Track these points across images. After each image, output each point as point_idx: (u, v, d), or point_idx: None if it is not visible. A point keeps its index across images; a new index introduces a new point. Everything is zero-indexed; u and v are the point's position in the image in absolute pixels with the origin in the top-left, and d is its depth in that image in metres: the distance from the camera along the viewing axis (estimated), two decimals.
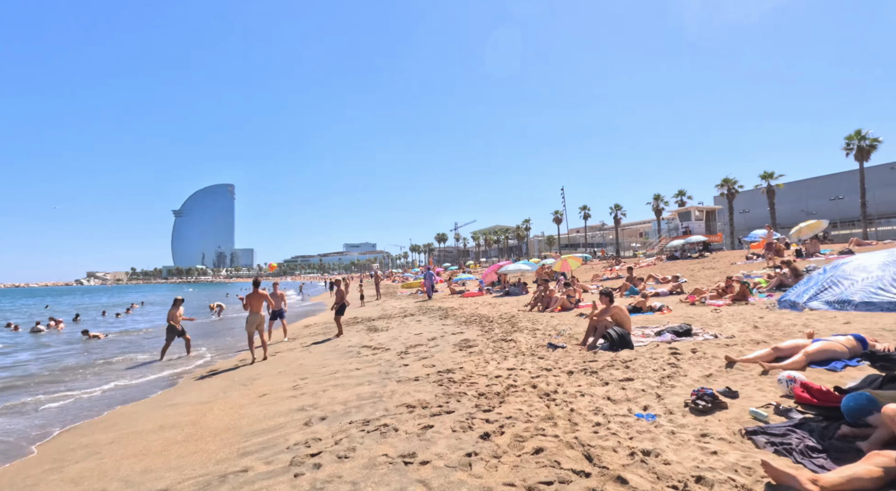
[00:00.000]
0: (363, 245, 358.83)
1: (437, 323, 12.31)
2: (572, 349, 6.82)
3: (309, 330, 14.66)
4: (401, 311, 17.20)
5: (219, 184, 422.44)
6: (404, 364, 7.18)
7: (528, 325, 9.93)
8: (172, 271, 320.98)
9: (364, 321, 14.90)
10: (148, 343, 14.35)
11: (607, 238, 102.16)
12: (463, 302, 18.16)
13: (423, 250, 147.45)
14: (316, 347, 10.58)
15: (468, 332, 10.01)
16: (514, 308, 13.95)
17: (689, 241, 30.48)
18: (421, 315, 14.78)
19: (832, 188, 50.14)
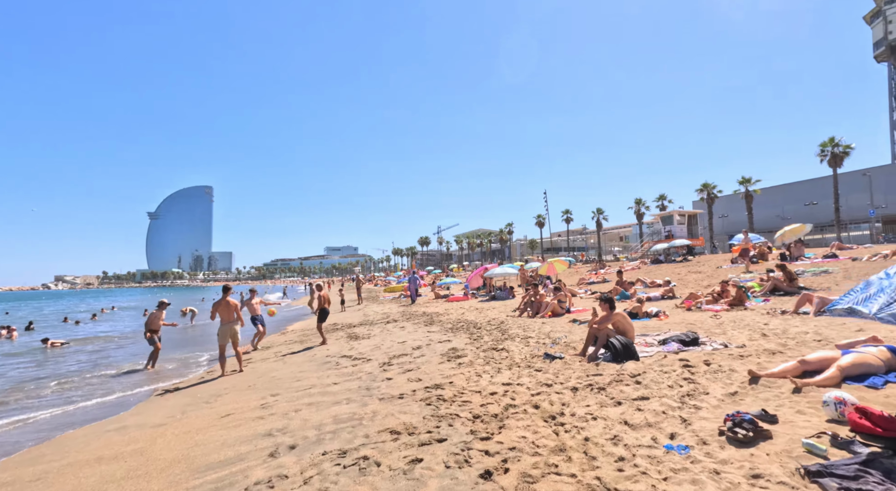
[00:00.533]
0: (345, 248, 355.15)
1: (421, 330, 11.65)
2: (571, 360, 6.26)
3: (286, 337, 13.82)
4: (383, 316, 16.48)
5: (196, 186, 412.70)
6: (387, 378, 6.51)
7: (520, 332, 9.36)
8: (147, 275, 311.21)
9: (344, 328, 14.13)
10: (113, 352, 13.29)
11: (588, 242, 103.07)
12: (448, 307, 17.53)
13: (405, 254, 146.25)
14: (292, 357, 9.80)
15: (456, 340, 9.38)
16: (501, 313, 13.40)
17: (673, 245, 30.54)
18: (405, 321, 14.08)
19: (807, 194, 51.36)
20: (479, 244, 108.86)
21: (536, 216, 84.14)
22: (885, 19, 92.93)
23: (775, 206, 55.93)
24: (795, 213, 53.90)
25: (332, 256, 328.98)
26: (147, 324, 10.62)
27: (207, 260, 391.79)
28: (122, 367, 10.67)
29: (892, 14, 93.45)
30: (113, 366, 10.96)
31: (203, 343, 14.13)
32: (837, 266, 14.48)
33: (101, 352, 13.60)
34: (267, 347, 11.98)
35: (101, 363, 11.50)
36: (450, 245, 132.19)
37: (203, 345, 13.66)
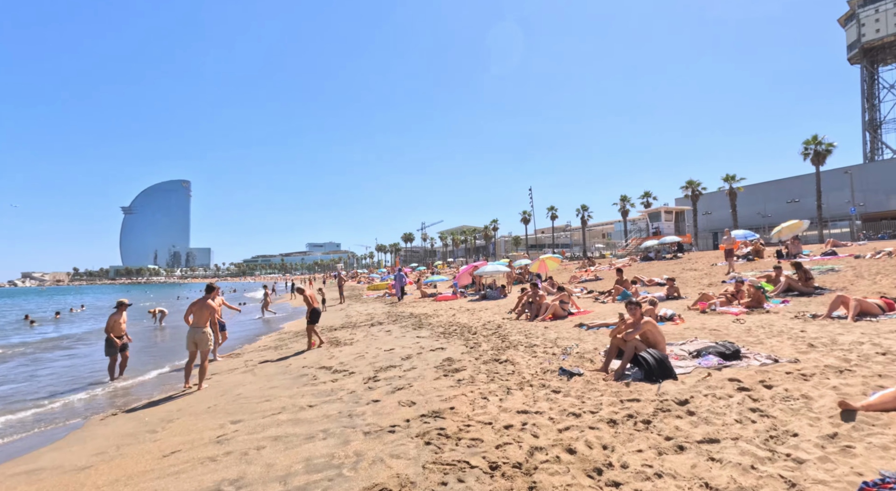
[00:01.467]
0: (327, 245, 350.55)
1: (410, 334, 10.58)
2: (593, 378, 5.29)
3: (261, 343, 12.58)
4: (367, 318, 15.34)
5: (173, 180, 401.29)
6: (374, 400, 5.43)
7: (521, 338, 8.37)
8: (121, 272, 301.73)
9: (324, 331, 12.95)
10: (72, 361, 11.83)
11: (572, 238, 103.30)
12: (437, 307, 16.49)
13: (389, 250, 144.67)
14: (264, 368, 8.62)
15: (450, 348, 8.35)
16: (496, 315, 12.42)
17: (663, 242, 30.08)
18: (391, 323, 12.99)
19: (789, 191, 51.89)
20: (464, 241, 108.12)
21: (522, 213, 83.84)
22: (859, 22, 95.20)
23: (757, 203, 56.43)
24: (777, 210, 54.46)
25: (314, 253, 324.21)
26: (107, 327, 9.29)
27: (185, 256, 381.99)
28: (82, 378, 9.33)
29: (864, 17, 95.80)
30: (69, 378, 9.61)
31: (174, 350, 12.79)
32: (842, 264, 13.95)
33: (38, 361, 12.14)
34: (238, 355, 10.75)
35: (57, 373, 10.12)
36: (434, 242, 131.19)
37: (174, 352, 12.33)
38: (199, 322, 7.65)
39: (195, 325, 7.64)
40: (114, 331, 9.27)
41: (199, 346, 7.77)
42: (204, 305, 7.73)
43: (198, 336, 7.68)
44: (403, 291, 22.28)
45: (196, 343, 7.71)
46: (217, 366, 9.58)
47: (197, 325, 7.64)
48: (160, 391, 7.87)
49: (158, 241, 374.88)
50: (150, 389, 8.23)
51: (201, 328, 7.65)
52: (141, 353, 11.87)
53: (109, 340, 9.18)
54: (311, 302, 10.36)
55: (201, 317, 7.66)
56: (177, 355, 11.25)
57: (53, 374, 10.16)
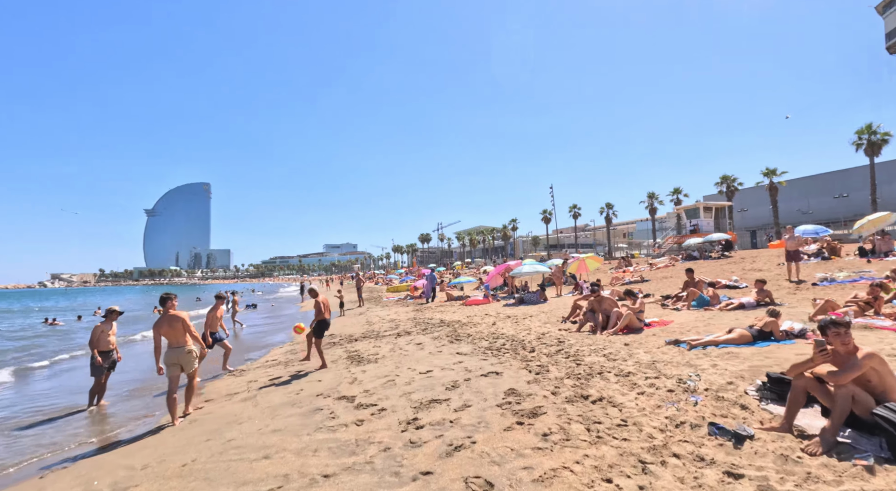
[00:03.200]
0: (344, 246, 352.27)
1: (447, 349, 8.67)
2: (775, 443, 3.29)
3: (270, 355, 10.86)
4: (391, 325, 13.50)
5: (194, 182, 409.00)
6: (422, 472, 3.53)
7: (602, 361, 6.37)
8: (144, 273, 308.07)
9: (343, 342, 11.15)
10: (64, 377, 10.29)
11: (594, 238, 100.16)
12: (468, 312, 14.55)
13: (406, 251, 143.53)
14: (268, 395, 6.82)
15: (506, 371, 6.41)
16: (545, 324, 10.43)
17: (708, 240, 27.50)
18: (420, 333, 11.11)
19: (835, 186, 48.35)
20: (482, 241, 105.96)
21: (542, 211, 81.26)
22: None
23: (797, 199, 52.94)
24: (822, 206, 50.94)
25: (331, 254, 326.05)
26: (91, 342, 7.62)
27: (206, 257, 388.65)
28: (58, 406, 7.68)
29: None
30: (47, 402, 7.99)
31: None
32: None
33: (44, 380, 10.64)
34: (242, 372, 9.01)
35: (35, 395, 8.54)
36: (451, 242, 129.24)
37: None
38: (178, 340, 5.94)
39: (174, 345, 5.92)
40: (99, 346, 7.60)
41: (186, 368, 6.06)
42: (173, 321, 5.98)
43: (181, 357, 5.95)
44: (435, 292, 20.43)
45: (182, 365, 6.00)
46: (216, 388, 7.84)
47: (176, 344, 5.91)
48: (142, 424, 6.16)
49: (180, 243, 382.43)
50: (136, 410, 6.50)
51: (183, 347, 5.92)
52: (134, 370, 10.21)
53: (94, 357, 7.51)
54: (320, 310, 8.56)
55: (176, 334, 5.94)
56: None
57: (29, 395, 8.57)
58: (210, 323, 9.31)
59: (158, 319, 6.10)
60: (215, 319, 9.38)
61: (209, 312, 9.41)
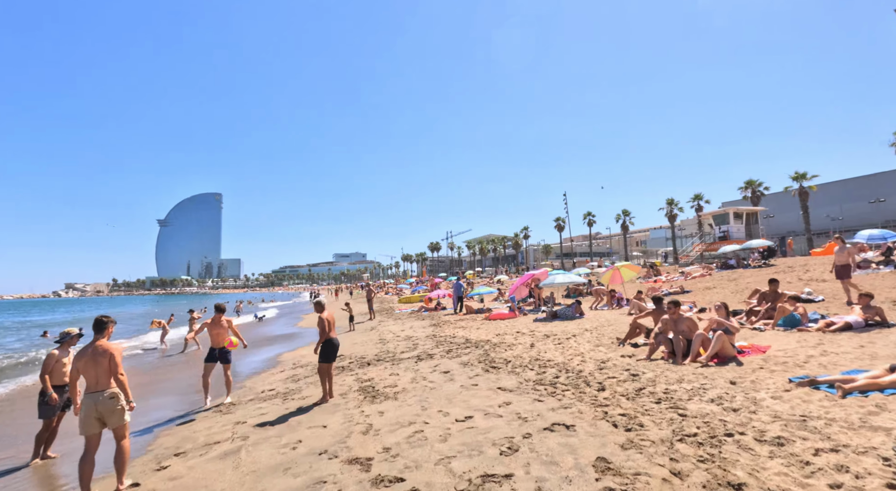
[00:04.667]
0: (353, 255, 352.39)
1: (483, 381, 6.93)
2: None
3: (268, 382, 9.20)
4: (409, 344, 11.78)
5: (205, 193, 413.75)
6: None
7: (715, 409, 4.57)
8: (156, 282, 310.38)
9: (354, 366, 9.44)
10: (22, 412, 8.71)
11: (611, 246, 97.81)
12: (496, 329, 12.78)
13: (415, 260, 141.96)
14: (257, 449, 5.13)
15: (577, 421, 4.66)
16: (593, 346, 8.63)
17: (748, 247, 25.43)
18: (445, 356, 9.37)
19: (870, 190, 45.83)
20: (493, 250, 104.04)
21: (556, 219, 79.36)
22: None
23: (826, 204, 50.43)
24: (854, 212, 48.41)
25: (340, 263, 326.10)
26: (42, 373, 5.99)
27: (217, 267, 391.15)
28: None
29: None
30: None
31: (157, 392, 9.55)
32: None
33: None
34: (231, 408, 7.33)
35: None
36: (461, 251, 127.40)
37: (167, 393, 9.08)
38: (98, 382, 4.31)
39: (91, 388, 4.28)
40: (53, 378, 5.99)
41: (109, 421, 4.36)
42: (98, 355, 4.35)
43: (101, 405, 4.28)
44: (461, 301, 18.71)
45: (103, 417, 4.32)
46: (193, 433, 6.17)
47: (95, 387, 4.29)
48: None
49: (191, 253, 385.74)
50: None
51: (103, 392, 4.28)
52: None
53: (44, 392, 5.89)
54: (325, 328, 6.93)
55: (97, 373, 4.33)
56: (166, 403, 7.95)
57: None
58: (213, 337, 7.75)
59: (81, 349, 4.48)
60: (220, 334, 7.80)
61: (209, 326, 7.82)
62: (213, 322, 7.88)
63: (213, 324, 7.86)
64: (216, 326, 7.83)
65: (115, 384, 4.44)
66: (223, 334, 7.81)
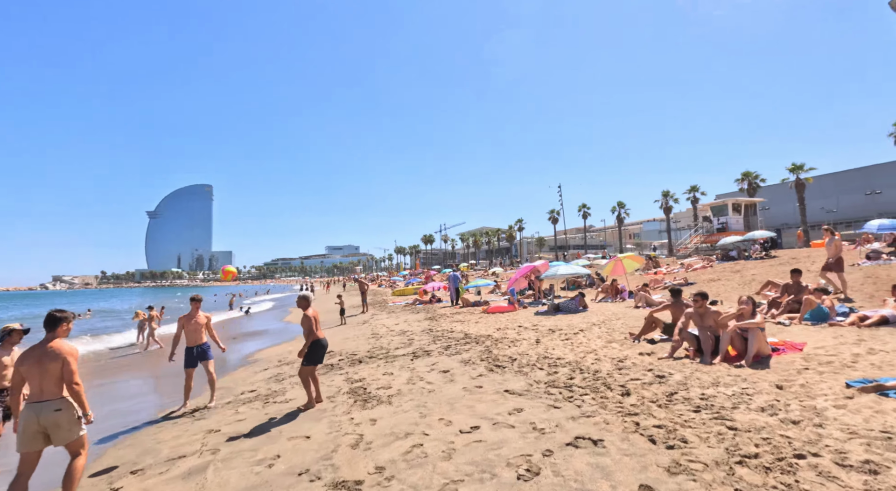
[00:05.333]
0: (346, 247, 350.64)
1: (488, 382, 6.21)
2: None
3: (249, 382, 8.41)
4: (404, 339, 11.03)
5: (196, 184, 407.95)
6: None
7: (769, 420, 3.88)
8: (146, 275, 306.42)
9: (344, 364, 8.68)
10: None
11: (606, 239, 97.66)
12: (496, 323, 12.06)
13: (408, 252, 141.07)
14: (227, 467, 4.36)
15: (604, 433, 3.95)
16: (605, 341, 7.94)
17: (749, 238, 24.91)
18: (443, 352, 8.64)
19: (865, 182, 45.67)
20: (487, 242, 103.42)
21: (550, 211, 78.77)
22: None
23: (821, 197, 50.26)
24: (849, 203, 48.32)
25: (333, 256, 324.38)
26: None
27: (208, 259, 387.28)
28: None
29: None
30: None
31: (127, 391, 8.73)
32: None
33: None
34: (204, 414, 6.55)
35: None
36: (455, 243, 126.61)
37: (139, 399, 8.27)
38: (44, 390, 3.54)
39: (35, 398, 3.51)
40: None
41: (54, 438, 3.57)
42: (45, 358, 3.59)
43: (46, 418, 3.51)
44: (459, 293, 17.98)
45: (47, 431, 3.54)
46: (158, 443, 5.38)
47: (40, 396, 3.51)
48: None
49: (182, 245, 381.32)
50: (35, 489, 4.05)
51: (50, 403, 3.51)
52: None
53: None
54: (311, 328, 6.06)
55: (45, 380, 3.55)
56: (133, 409, 7.15)
57: None
58: (190, 334, 6.92)
59: (28, 349, 3.68)
60: (197, 330, 6.97)
61: (185, 322, 6.97)
62: (188, 317, 7.04)
63: (189, 318, 7.02)
64: (192, 320, 7.00)
65: (69, 394, 3.64)
66: (201, 331, 6.98)
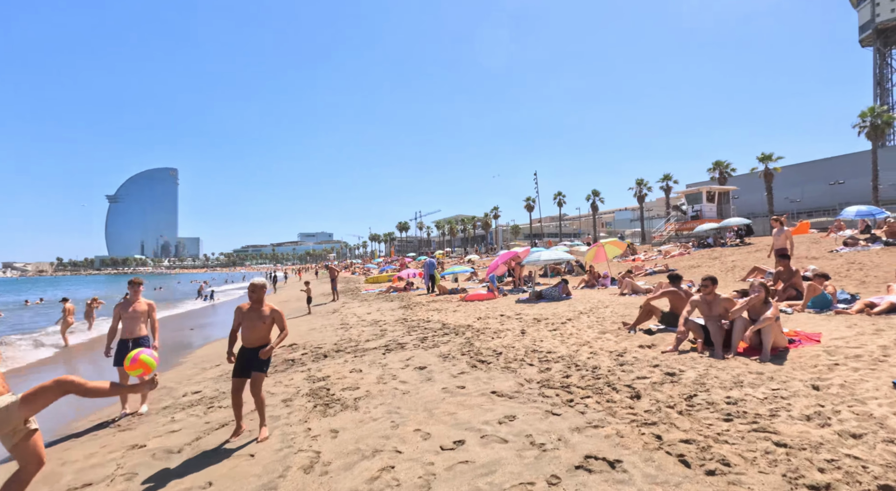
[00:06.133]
0: (319, 234, 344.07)
1: (471, 381, 5.37)
2: None
3: (204, 374, 7.31)
4: (375, 330, 10.09)
5: (160, 167, 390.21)
6: None
7: (824, 434, 3.17)
8: (106, 262, 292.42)
9: (307, 359, 7.68)
10: None
11: (580, 227, 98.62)
12: (475, 312, 11.26)
13: (383, 240, 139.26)
14: (151, 484, 3.38)
15: (622, 451, 3.17)
16: (597, 332, 7.23)
17: (725, 225, 24.96)
18: (419, 345, 7.76)
19: (830, 173, 47.09)
20: (462, 230, 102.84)
21: (526, 199, 78.70)
22: (873, 2, 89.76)
23: (787, 187, 51.68)
24: (813, 193, 49.82)
25: (306, 243, 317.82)
26: None
27: (174, 246, 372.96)
28: None
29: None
30: None
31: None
32: None
33: None
34: (134, 423, 5.47)
35: None
36: (430, 231, 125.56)
37: None
38: None
39: None
40: None
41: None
42: None
43: None
44: (433, 280, 17.06)
45: None
46: (61, 463, 4.30)
47: None
48: None
49: (145, 231, 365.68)
50: None
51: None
52: None
53: None
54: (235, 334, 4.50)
55: None
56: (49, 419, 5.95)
57: None
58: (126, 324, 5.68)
59: None
60: (135, 319, 5.75)
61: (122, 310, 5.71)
62: (125, 304, 5.81)
63: (126, 306, 5.78)
64: (130, 308, 5.77)
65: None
66: (139, 321, 5.77)
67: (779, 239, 10.49)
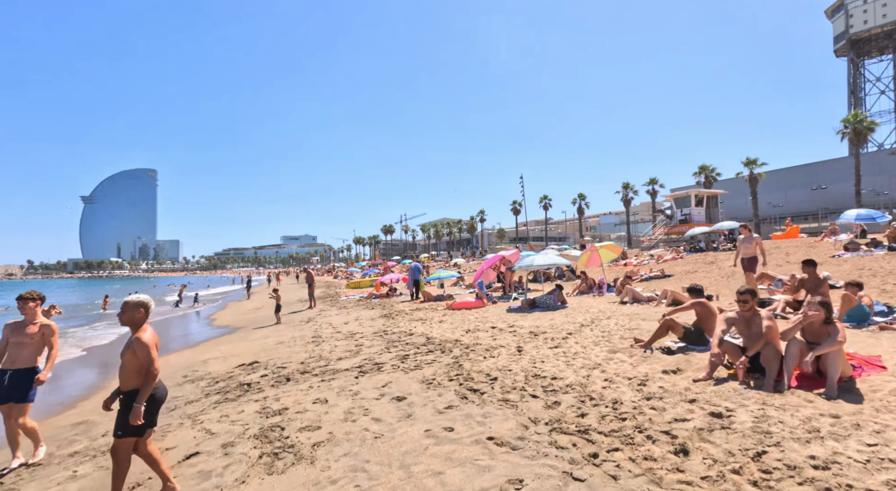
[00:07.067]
0: (303, 237, 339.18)
1: (460, 419, 4.26)
2: None
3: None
4: (350, 344, 8.90)
5: (138, 168, 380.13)
6: None
7: None
8: (80, 265, 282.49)
9: (266, 382, 6.45)
10: None
11: (566, 231, 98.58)
12: (463, 323, 10.15)
13: (368, 243, 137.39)
14: None
15: None
16: (608, 351, 6.21)
17: (719, 228, 24.39)
18: (398, 367, 6.61)
19: (813, 178, 47.49)
20: (448, 233, 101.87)
21: (512, 203, 78.37)
22: (847, 13, 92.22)
23: (771, 192, 52.02)
24: (797, 198, 50.15)
25: (289, 246, 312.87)
26: None
27: (153, 249, 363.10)
28: None
29: (853, 7, 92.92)
30: None
31: None
32: None
33: None
34: (20, 476, 4.21)
35: None
36: (416, 234, 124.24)
37: None
38: None
39: None
40: None
41: None
42: None
43: None
44: (418, 286, 15.90)
45: None
46: None
47: None
48: None
49: (122, 233, 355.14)
50: None
51: None
52: None
53: None
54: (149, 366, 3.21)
55: None
56: None
57: None
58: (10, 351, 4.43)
59: None
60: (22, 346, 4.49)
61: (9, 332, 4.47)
62: (16, 326, 4.57)
63: (17, 328, 4.55)
64: (20, 331, 4.53)
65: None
66: (29, 348, 4.52)
67: (748, 247, 9.66)
